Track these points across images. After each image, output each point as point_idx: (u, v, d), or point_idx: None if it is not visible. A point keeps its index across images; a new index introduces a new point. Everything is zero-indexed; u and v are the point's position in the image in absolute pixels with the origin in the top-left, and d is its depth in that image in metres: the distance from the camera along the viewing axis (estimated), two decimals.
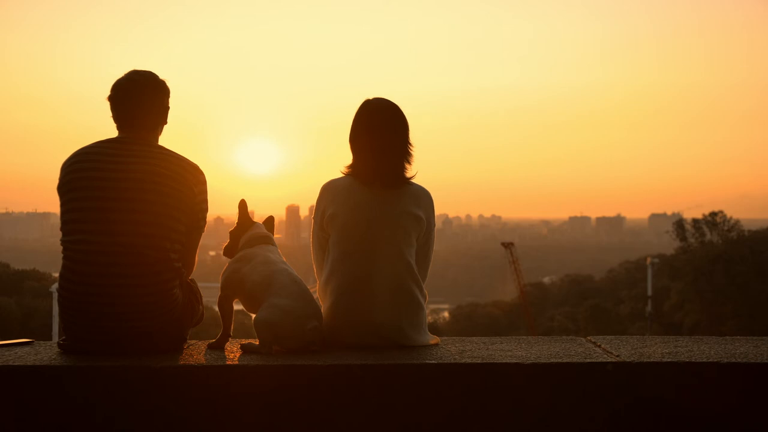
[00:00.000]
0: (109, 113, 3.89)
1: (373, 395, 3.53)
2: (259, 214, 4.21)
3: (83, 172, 3.78)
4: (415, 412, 3.53)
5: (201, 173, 3.89)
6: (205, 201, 3.91)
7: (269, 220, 4.13)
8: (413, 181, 4.06)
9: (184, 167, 3.84)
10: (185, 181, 3.81)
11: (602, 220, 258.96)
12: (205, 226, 3.95)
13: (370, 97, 4.07)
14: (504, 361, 3.62)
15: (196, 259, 4.03)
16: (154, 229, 3.73)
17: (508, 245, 66.71)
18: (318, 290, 4.08)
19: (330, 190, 4.04)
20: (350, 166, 4.05)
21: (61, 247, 3.79)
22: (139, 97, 3.85)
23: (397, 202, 4.00)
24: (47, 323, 38.29)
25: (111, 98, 3.87)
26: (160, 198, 3.74)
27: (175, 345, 3.86)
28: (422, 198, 4.06)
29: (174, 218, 3.78)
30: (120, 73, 3.86)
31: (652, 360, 3.62)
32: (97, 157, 3.80)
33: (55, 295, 3.96)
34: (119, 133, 3.89)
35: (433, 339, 4.06)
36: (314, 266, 4.14)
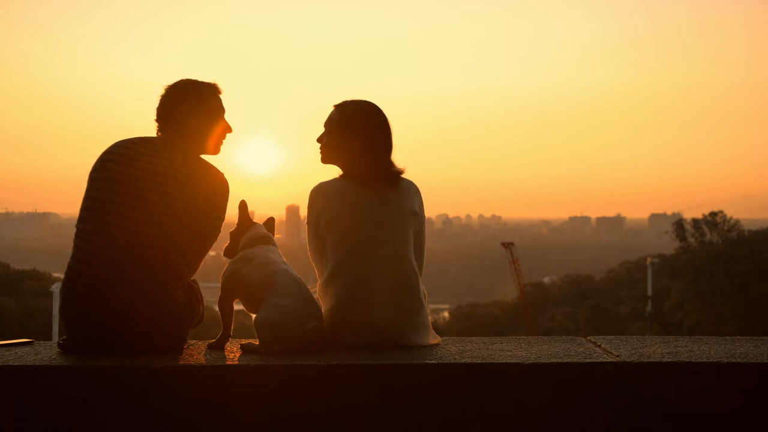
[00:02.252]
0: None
1: (373, 395, 3.53)
2: (259, 215, 4.21)
3: (110, 163, 3.83)
4: (415, 412, 3.53)
5: (223, 184, 3.89)
6: (222, 211, 3.91)
7: (270, 221, 4.13)
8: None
9: (205, 178, 3.84)
10: (202, 191, 3.81)
11: (602, 220, 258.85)
12: (218, 234, 3.95)
13: (347, 100, 4.06)
14: (504, 361, 3.62)
15: (201, 263, 4.03)
16: (156, 229, 3.74)
17: (508, 245, 66.71)
18: (318, 291, 4.07)
19: (323, 194, 4.02)
20: (343, 170, 4.04)
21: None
22: (170, 101, 3.92)
23: (393, 200, 3.99)
24: (47, 323, 38.28)
25: (156, 108, 3.98)
26: (164, 198, 3.75)
27: (175, 345, 3.86)
28: (414, 192, 4.07)
29: (182, 222, 3.77)
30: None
31: (652, 360, 3.62)
32: (125, 151, 3.85)
33: (55, 295, 3.98)
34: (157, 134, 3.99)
35: (434, 339, 4.06)
36: (315, 269, 4.13)
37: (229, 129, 4.02)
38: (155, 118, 3.95)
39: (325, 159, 4.10)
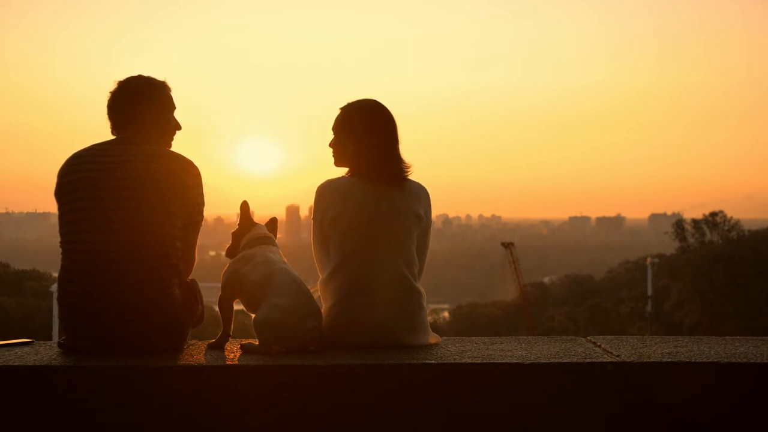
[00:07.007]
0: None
1: (373, 395, 3.53)
2: (259, 215, 4.22)
3: (81, 174, 3.82)
4: (415, 413, 3.53)
5: (194, 167, 3.91)
6: (200, 195, 3.93)
7: (272, 222, 4.13)
8: (409, 177, 4.07)
9: (177, 163, 3.86)
10: (178, 177, 3.83)
11: (602, 220, 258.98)
12: (201, 220, 3.99)
13: (352, 100, 4.08)
14: (504, 361, 3.62)
15: (196, 256, 4.04)
16: (151, 227, 3.76)
17: (508, 245, 66.73)
18: (319, 289, 4.07)
19: (329, 191, 4.03)
20: (351, 168, 4.04)
21: (57, 248, 3.82)
22: (128, 99, 3.93)
23: (400, 200, 3.99)
24: (47, 323, 38.29)
25: (107, 104, 3.96)
26: (154, 195, 3.77)
27: (175, 345, 3.87)
28: (422, 196, 4.06)
29: (171, 215, 3.80)
30: (120, 73, 3.98)
31: (652, 360, 3.62)
32: (93, 159, 3.85)
33: (55, 295, 3.98)
34: (114, 135, 3.96)
35: (433, 338, 4.06)
36: (317, 266, 4.13)
37: (178, 126, 4.07)
38: (108, 114, 3.95)
39: (337, 162, 4.12)
